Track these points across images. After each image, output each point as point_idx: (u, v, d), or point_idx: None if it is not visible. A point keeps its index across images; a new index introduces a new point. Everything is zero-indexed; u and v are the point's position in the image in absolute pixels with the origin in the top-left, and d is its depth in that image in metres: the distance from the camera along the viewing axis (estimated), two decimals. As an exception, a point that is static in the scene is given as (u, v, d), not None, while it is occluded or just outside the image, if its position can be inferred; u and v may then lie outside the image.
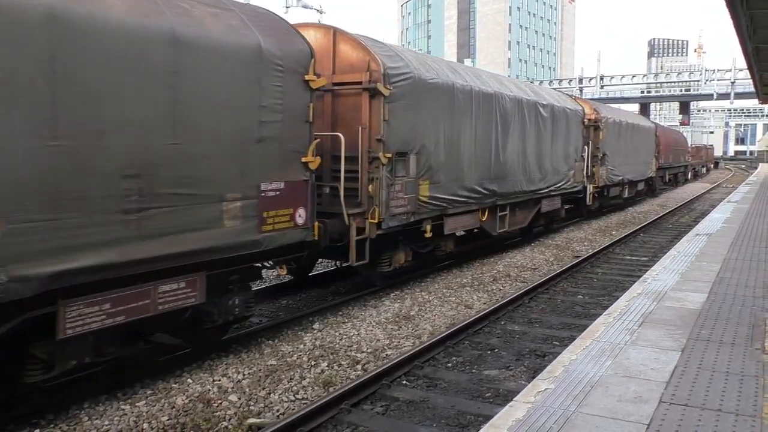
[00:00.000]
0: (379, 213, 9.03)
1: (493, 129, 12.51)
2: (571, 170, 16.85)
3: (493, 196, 12.56)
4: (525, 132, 13.92)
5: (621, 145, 22.70)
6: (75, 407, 5.92)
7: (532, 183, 14.46)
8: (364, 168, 8.99)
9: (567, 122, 16.48)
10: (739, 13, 13.04)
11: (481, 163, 12.03)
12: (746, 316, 6.31)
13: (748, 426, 3.81)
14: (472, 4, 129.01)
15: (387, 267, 10.06)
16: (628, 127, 23.80)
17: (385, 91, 9.00)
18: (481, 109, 11.95)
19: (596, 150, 19.89)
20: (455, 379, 6.78)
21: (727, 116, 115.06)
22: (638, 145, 25.61)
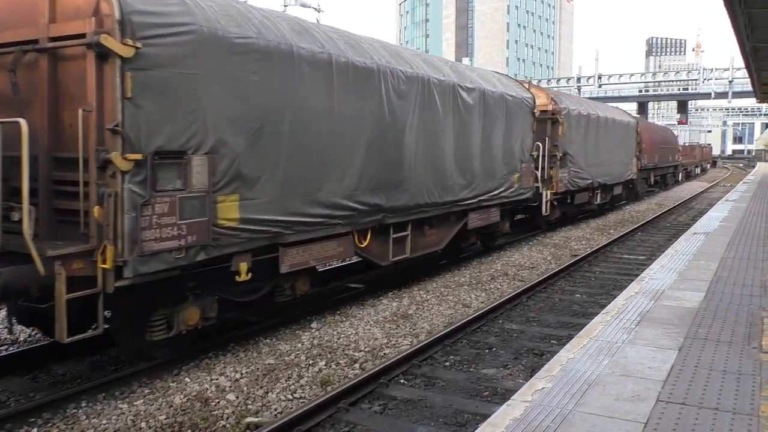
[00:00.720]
0: (117, 251, 5.61)
1: (377, 119, 8.95)
2: (514, 173, 13.45)
3: (378, 212, 9.02)
4: (437, 124, 10.42)
5: (590, 143, 19.11)
6: (72, 406, 5.92)
7: (449, 192, 10.87)
8: (91, 177, 5.64)
9: (507, 113, 13.05)
10: (737, 12, 13.05)
11: (354, 165, 8.48)
12: (744, 314, 6.32)
13: (745, 424, 3.82)
14: (471, 3, 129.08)
15: (162, 333, 6.70)
16: (601, 121, 20.23)
17: (124, 51, 5.54)
18: (350, 89, 8.37)
19: (555, 148, 16.35)
20: (453, 377, 6.78)
21: (725, 115, 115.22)
22: (615, 143, 21.95)
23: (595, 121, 19.55)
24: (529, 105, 14.30)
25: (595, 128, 19.49)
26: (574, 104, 18.12)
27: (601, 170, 20.33)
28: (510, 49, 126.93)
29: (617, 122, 22.51)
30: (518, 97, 13.76)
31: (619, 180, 22.98)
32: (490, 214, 12.76)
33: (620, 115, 23.85)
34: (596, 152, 19.67)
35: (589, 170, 18.96)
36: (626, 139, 23.83)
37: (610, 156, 21.44)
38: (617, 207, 25.31)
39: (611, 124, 21.58)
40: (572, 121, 17.45)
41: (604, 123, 20.71)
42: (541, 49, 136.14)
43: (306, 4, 34.22)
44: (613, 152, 21.88)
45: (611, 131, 21.52)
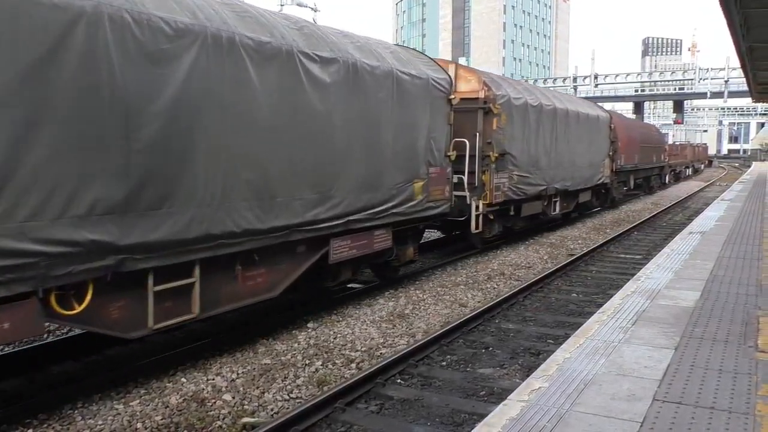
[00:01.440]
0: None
1: (84, 98, 5.15)
2: (416, 181, 9.96)
3: (107, 254, 5.38)
4: (243, 108, 6.67)
5: (544, 141, 15.55)
6: (68, 407, 5.89)
7: (282, 212, 7.28)
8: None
9: (402, 98, 9.44)
10: (733, 12, 13.07)
11: (28, 176, 4.80)
12: (739, 314, 6.33)
13: (741, 423, 3.82)
14: (467, 3, 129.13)
15: None
16: (560, 115, 16.46)
17: None
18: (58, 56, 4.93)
19: (488, 147, 12.76)
20: (449, 377, 6.78)
21: (721, 115, 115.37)
22: (581, 141, 18.34)
23: (550, 113, 15.90)
24: (441, 89, 10.48)
25: (550, 123, 15.94)
26: (518, 92, 14.48)
27: (561, 173, 16.69)
28: (506, 49, 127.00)
29: (584, 117, 18.72)
30: (422, 78, 9.94)
31: (587, 185, 19.36)
32: (372, 239, 9.21)
33: (588, 108, 20.01)
34: (553, 152, 16.09)
35: (543, 174, 15.46)
36: (596, 137, 20.16)
37: (574, 156, 17.69)
38: (612, 207, 25.17)
39: (576, 119, 17.84)
40: (515, 112, 13.82)
41: (565, 117, 16.93)
42: (537, 49, 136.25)
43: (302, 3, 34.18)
44: (579, 152, 18.09)
45: (576, 127, 17.85)
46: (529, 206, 15.12)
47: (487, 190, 12.82)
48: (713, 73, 63.84)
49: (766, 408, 4.05)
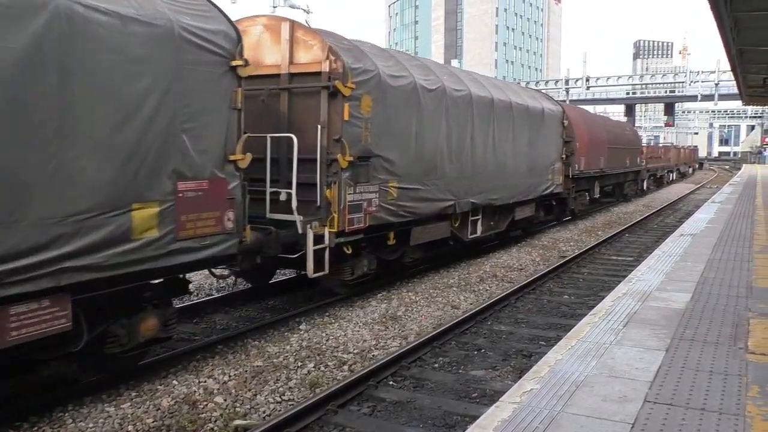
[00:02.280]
0: None
1: None
2: (138, 207, 5.87)
3: None
4: None
5: (449, 139, 11.38)
6: (59, 409, 5.87)
7: None
8: None
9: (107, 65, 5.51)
10: (723, 15, 13.15)
11: None
12: (730, 315, 6.36)
13: (731, 425, 3.84)
14: (460, 5, 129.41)
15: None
16: (476, 104, 12.19)
17: None
18: None
19: (336, 146, 8.67)
20: (442, 379, 6.78)
21: (711, 117, 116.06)
22: (515, 141, 14.22)
23: (462, 102, 11.70)
24: (209, 47, 6.53)
25: (463, 115, 11.81)
26: (399, 68, 10.12)
27: (482, 183, 12.69)
28: (499, 51, 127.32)
29: (521, 109, 14.47)
30: (159, 25, 5.93)
31: (528, 196, 15.26)
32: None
33: (529, 99, 15.70)
34: (467, 155, 12.06)
35: (448, 185, 11.39)
36: (542, 136, 15.96)
37: (505, 160, 13.69)
38: (604, 208, 25.05)
39: (507, 112, 13.68)
40: (392, 97, 9.64)
41: (488, 108, 12.74)
42: (529, 52, 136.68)
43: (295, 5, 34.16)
44: (513, 155, 14.14)
45: (508, 122, 13.79)
46: (426, 230, 11.00)
47: (334, 211, 8.60)
48: (704, 75, 64.24)
49: (756, 409, 4.07)
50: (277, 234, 8.03)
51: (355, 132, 8.90)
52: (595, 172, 22.54)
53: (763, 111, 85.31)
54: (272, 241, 7.98)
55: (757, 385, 4.47)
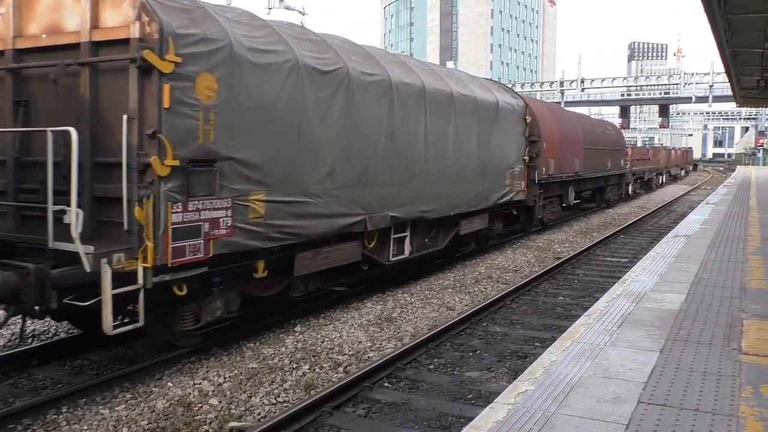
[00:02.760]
0: None
1: None
2: None
3: None
4: None
5: (351, 136, 8.86)
6: (53, 412, 5.85)
7: None
8: None
9: None
10: (717, 17, 13.23)
11: None
12: (724, 316, 6.39)
13: (725, 425, 3.86)
14: (455, 7, 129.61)
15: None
16: (397, 92, 9.82)
17: None
18: None
19: (152, 145, 6.11)
20: (437, 380, 6.79)
21: (706, 119, 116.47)
22: (458, 139, 11.78)
23: (374, 89, 9.30)
24: None
25: (375, 105, 9.34)
26: (263, 39, 7.53)
27: (408, 193, 10.19)
28: (494, 53, 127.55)
29: (467, 102, 12.13)
30: None
31: (479, 205, 12.88)
32: None
33: (479, 89, 13.12)
34: (384, 157, 9.57)
35: (355, 195, 8.93)
36: (497, 134, 13.61)
37: (443, 163, 11.30)
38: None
39: (447, 104, 11.33)
40: (250, 77, 7.13)
41: (418, 98, 10.37)
42: (524, 53, 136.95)
43: (290, 7, 34.16)
44: (455, 157, 11.70)
45: (448, 117, 11.39)
46: (320, 256, 8.49)
47: (148, 237, 6.06)
48: (698, 77, 64.42)
49: (749, 410, 4.09)
50: (39, 274, 5.68)
51: (186, 125, 6.32)
52: (569, 176, 19.54)
53: (757, 113, 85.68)
54: (33, 285, 5.63)
55: (751, 386, 4.49)
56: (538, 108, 17.20)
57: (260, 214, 7.22)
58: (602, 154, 24.22)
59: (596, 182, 24.29)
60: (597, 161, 23.33)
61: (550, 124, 17.70)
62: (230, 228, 6.81)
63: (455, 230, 12.45)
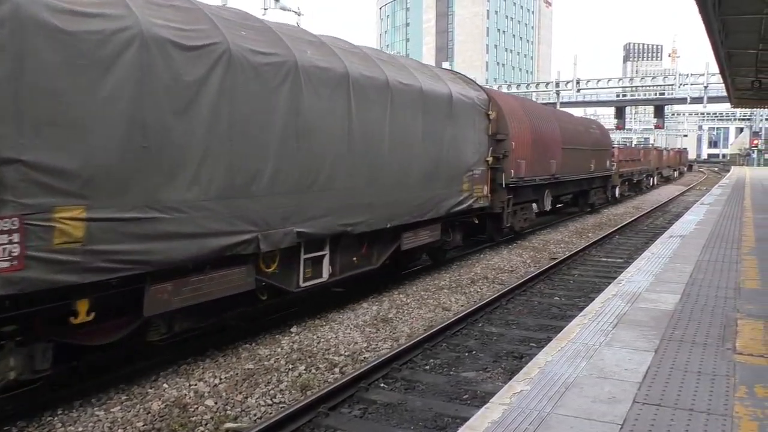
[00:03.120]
0: None
1: None
2: None
3: None
4: None
5: (231, 126, 6.79)
6: (48, 413, 5.83)
7: None
8: None
9: None
10: (712, 18, 13.27)
11: None
12: (718, 316, 6.41)
13: (719, 425, 3.87)
14: (451, 8, 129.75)
15: None
16: (305, 76, 7.88)
17: None
18: None
19: None
20: (433, 381, 6.80)
21: (701, 120, 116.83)
22: (390, 137, 9.77)
23: (272, 73, 7.45)
24: None
25: (274, 93, 7.47)
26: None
27: (325, 202, 8.30)
28: (490, 54, 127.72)
29: (412, 93, 10.35)
30: None
31: (424, 215, 10.83)
32: None
33: (425, 77, 11.23)
34: (292, 156, 7.70)
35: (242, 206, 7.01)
36: (450, 131, 11.58)
37: (375, 165, 9.38)
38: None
39: (378, 93, 9.45)
40: (61, 48, 5.19)
41: (338, 86, 8.55)
42: (520, 54, 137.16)
43: (286, 7, 34.14)
44: (388, 156, 9.69)
45: (381, 109, 9.50)
46: (188, 287, 6.52)
47: None
48: (693, 78, 64.70)
49: (744, 409, 4.11)
50: None
51: None
52: (545, 179, 17.69)
53: (751, 113, 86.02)
54: None
55: (745, 386, 4.51)
56: (505, 103, 15.44)
57: (75, 237, 5.24)
58: (585, 155, 22.41)
59: (578, 185, 22.49)
60: (579, 162, 21.49)
61: (521, 121, 15.94)
62: (18, 259, 4.84)
63: (395, 245, 10.36)
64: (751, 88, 23.94)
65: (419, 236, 11.00)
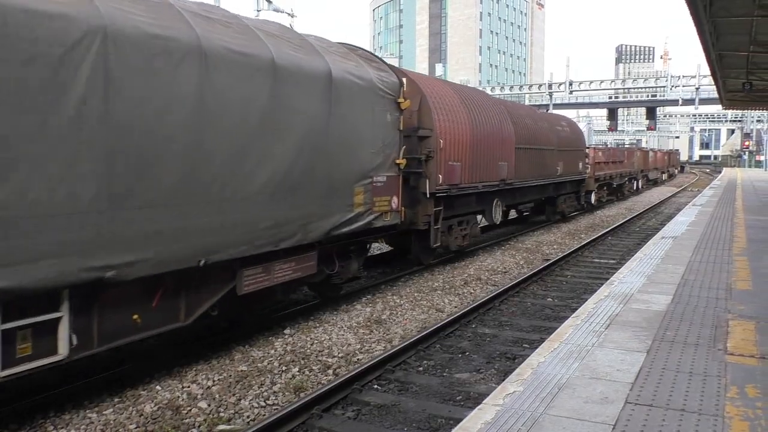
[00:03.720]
0: None
1: None
2: None
3: None
4: None
5: None
6: (40, 416, 5.81)
7: None
8: None
9: None
10: (703, 20, 13.36)
11: None
12: (709, 317, 6.44)
13: (710, 425, 3.90)
14: (444, 10, 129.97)
15: None
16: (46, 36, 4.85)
17: None
18: None
19: None
20: (426, 382, 6.80)
21: (692, 121, 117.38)
22: (215, 130, 6.50)
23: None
24: None
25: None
26: None
27: (59, 234, 5.03)
28: (483, 55, 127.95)
29: (256, 65, 7.13)
30: None
31: (279, 243, 7.57)
32: None
33: (286, 48, 7.85)
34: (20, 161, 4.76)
35: None
36: (333, 122, 8.52)
37: (180, 168, 6.16)
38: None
39: (188, 62, 6.19)
40: None
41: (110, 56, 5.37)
42: (513, 56, 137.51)
43: (279, 9, 34.13)
44: (202, 156, 6.42)
45: (188, 85, 6.21)
46: None
47: None
48: (685, 80, 65.01)
49: (735, 410, 4.13)
50: None
51: None
52: (492, 186, 14.44)
53: (742, 115, 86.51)
54: None
55: (736, 386, 4.54)
56: (431, 89, 12.36)
57: None
58: (549, 156, 19.22)
59: (542, 191, 19.34)
60: (540, 165, 18.30)
61: (456, 114, 12.84)
62: None
63: (227, 288, 7.10)
64: (742, 89, 24.10)
65: (274, 272, 7.74)
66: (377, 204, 9.60)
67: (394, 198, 10.09)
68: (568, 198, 22.63)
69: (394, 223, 10.20)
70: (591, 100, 75.48)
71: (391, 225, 10.18)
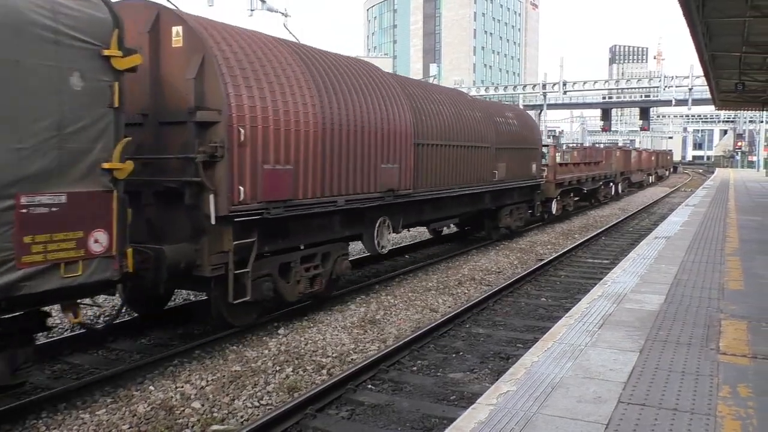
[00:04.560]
0: None
1: None
2: None
3: None
4: None
5: None
6: (32, 417, 5.78)
7: None
8: None
9: None
10: (696, 21, 13.43)
11: None
12: (702, 317, 6.47)
13: (702, 424, 3.92)
14: (438, 10, 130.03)
15: None
16: None
17: None
18: None
19: None
20: (420, 382, 6.81)
21: (686, 122, 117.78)
22: None
23: None
24: None
25: None
26: None
27: None
28: (477, 56, 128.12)
29: None
30: None
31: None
32: None
33: None
34: None
35: None
36: None
37: None
38: (581, 211, 24.51)
39: None
40: None
41: None
42: (507, 56, 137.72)
43: (273, 9, 34.08)
44: None
45: None
46: None
47: None
48: (678, 81, 65.18)
49: (727, 409, 4.15)
50: None
51: None
52: (366, 200, 9.89)
53: (735, 116, 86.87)
54: None
55: (728, 386, 4.56)
56: (225, 43, 7.55)
57: None
58: (481, 156, 14.37)
59: (472, 202, 14.55)
60: (466, 168, 13.58)
61: (288, 87, 8.30)
62: None
63: None
64: (735, 90, 24.23)
65: None
66: (44, 247, 5.27)
67: (97, 233, 5.71)
68: (517, 209, 17.49)
69: (98, 279, 5.74)
70: (585, 100, 75.66)
71: (91, 283, 5.72)
